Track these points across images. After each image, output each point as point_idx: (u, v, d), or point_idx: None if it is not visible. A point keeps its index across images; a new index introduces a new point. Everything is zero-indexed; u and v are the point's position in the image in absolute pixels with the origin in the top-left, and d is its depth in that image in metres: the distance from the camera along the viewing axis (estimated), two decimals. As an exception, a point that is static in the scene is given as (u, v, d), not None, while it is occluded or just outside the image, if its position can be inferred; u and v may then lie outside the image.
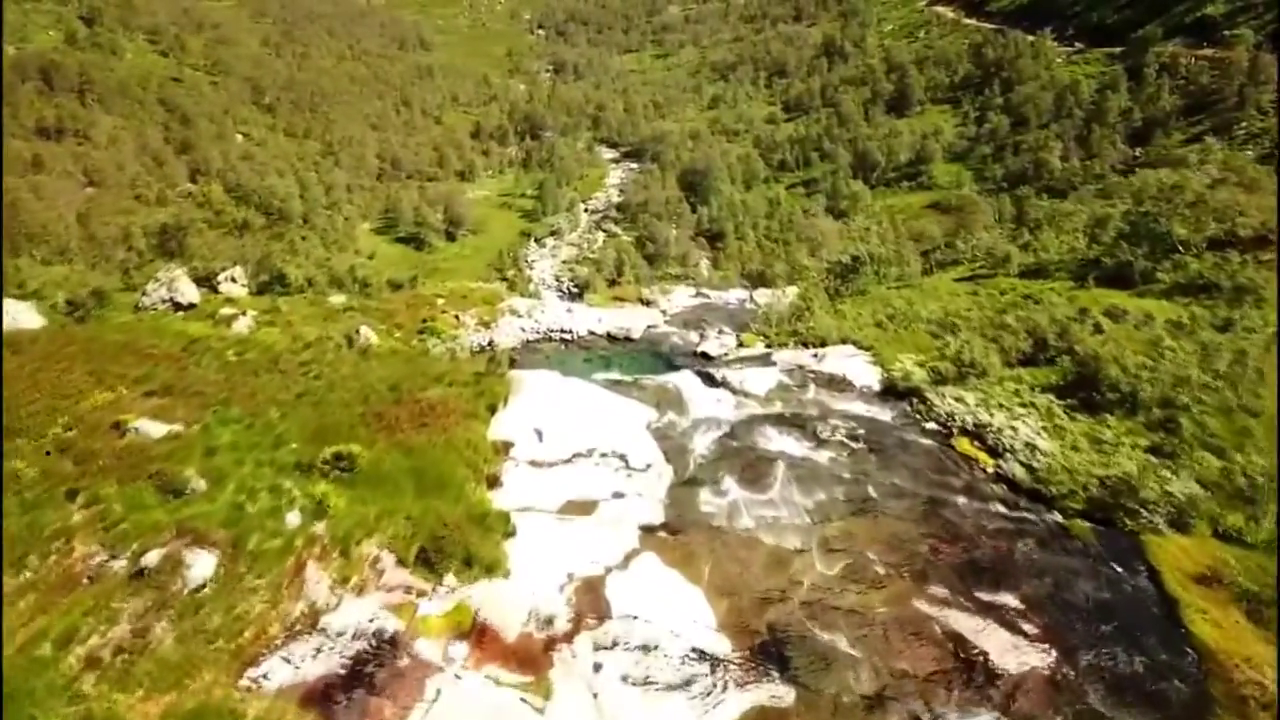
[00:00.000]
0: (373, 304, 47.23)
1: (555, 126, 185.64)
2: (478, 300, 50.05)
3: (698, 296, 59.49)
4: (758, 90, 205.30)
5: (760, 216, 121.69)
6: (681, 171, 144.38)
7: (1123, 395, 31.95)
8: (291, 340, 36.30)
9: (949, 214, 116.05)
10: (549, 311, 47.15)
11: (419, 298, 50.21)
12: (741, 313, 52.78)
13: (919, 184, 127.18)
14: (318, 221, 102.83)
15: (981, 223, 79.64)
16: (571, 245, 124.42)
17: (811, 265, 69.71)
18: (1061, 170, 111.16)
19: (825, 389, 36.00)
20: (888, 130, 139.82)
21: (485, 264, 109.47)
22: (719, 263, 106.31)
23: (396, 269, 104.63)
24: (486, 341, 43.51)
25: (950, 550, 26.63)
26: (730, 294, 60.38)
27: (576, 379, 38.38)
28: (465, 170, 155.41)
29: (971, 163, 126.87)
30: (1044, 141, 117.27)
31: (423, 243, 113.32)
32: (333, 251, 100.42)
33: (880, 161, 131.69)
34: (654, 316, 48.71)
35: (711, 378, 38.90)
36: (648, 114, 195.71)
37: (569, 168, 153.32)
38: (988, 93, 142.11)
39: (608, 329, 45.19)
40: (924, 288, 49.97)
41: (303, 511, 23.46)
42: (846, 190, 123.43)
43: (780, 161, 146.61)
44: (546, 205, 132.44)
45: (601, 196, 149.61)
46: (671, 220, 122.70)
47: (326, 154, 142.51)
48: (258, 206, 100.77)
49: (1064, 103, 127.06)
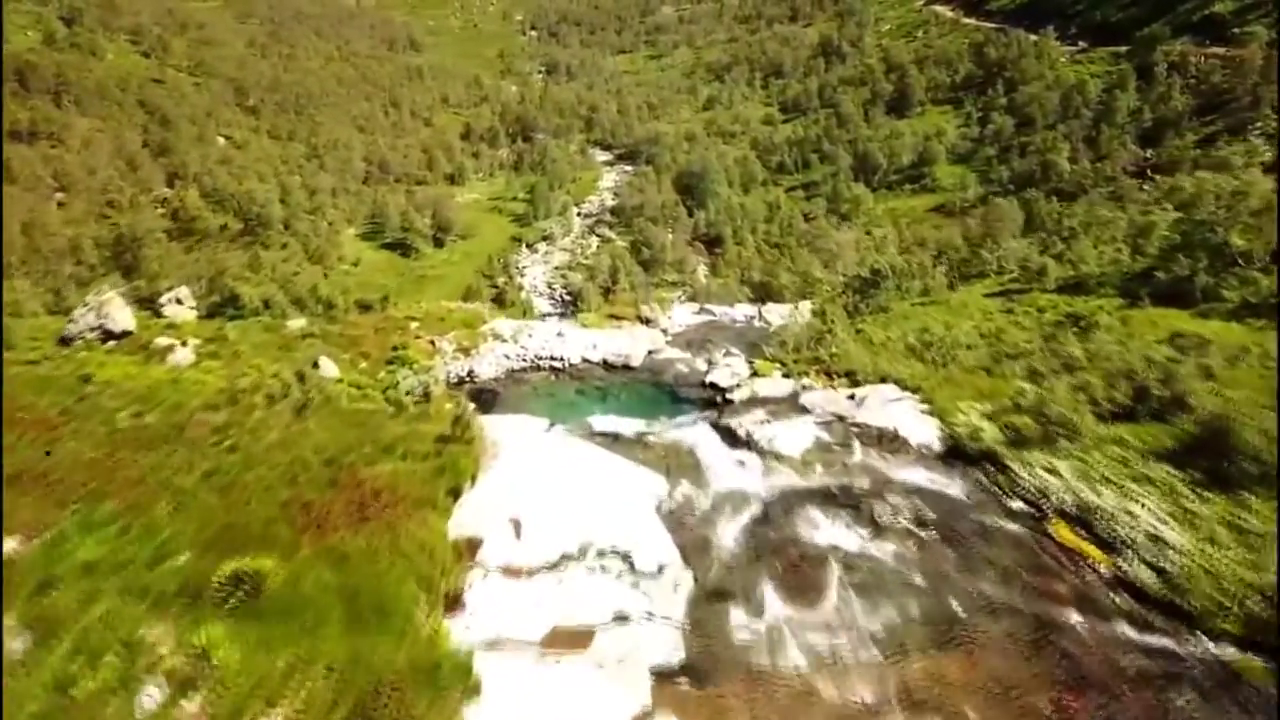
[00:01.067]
0: (336, 329, 41.09)
1: (547, 128, 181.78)
2: (457, 322, 44.28)
3: (702, 313, 54.73)
4: (754, 91, 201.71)
5: (759, 220, 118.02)
6: (677, 174, 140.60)
7: (1263, 467, 22.97)
8: (229, 381, 30.15)
9: (953, 217, 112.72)
10: (537, 335, 41.49)
11: (390, 320, 43.92)
12: (750, 331, 47.87)
13: (922, 186, 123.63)
14: (300, 227, 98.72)
15: (1008, 230, 74.16)
16: (564, 251, 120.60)
17: (825, 278, 65.09)
18: (1071, 173, 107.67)
19: (874, 448, 27.83)
20: (889, 131, 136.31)
21: (474, 270, 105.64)
22: (718, 269, 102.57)
23: (383, 276, 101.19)
24: (465, 371, 38.17)
25: (1080, 705, 18.50)
26: (737, 310, 55.60)
27: (566, 432, 32.39)
28: (455, 173, 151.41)
29: (976, 165, 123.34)
30: (1051, 143, 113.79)
31: (410, 249, 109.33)
32: (315, 258, 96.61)
33: (882, 163, 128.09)
34: (654, 338, 43.05)
35: (733, 433, 30.26)
36: (642, 115, 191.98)
37: (561, 171, 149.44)
38: (991, 93, 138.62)
39: (604, 355, 39.55)
40: (951, 304, 45.92)
41: (170, 679, 14.58)
42: (848, 193, 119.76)
43: (779, 164, 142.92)
44: (538, 209, 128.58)
45: (595, 200, 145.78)
46: (667, 224, 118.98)
47: (311, 157, 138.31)
48: (236, 212, 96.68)
49: (1070, 103, 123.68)
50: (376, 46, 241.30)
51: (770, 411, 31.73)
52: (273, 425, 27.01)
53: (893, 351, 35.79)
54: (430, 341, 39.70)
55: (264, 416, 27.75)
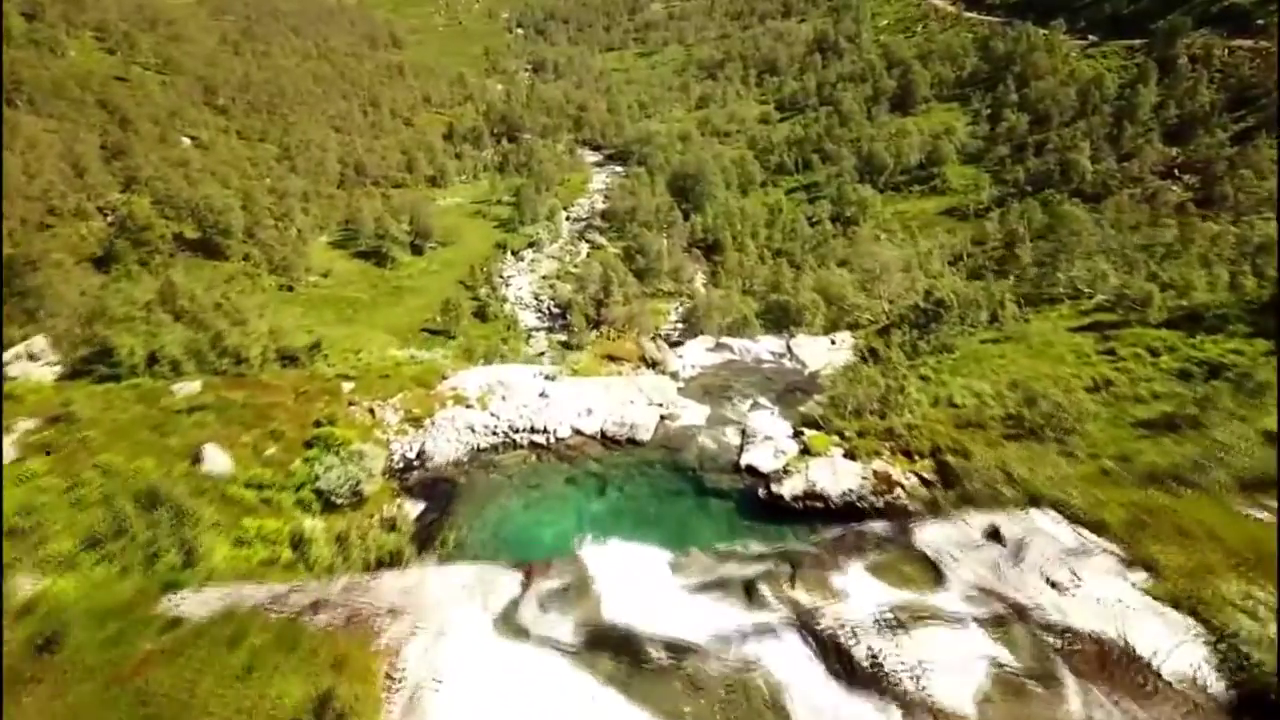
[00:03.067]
0: (241, 396, 30.41)
1: (534, 128, 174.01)
2: (406, 380, 33.57)
3: (719, 350, 46.13)
4: (748, 89, 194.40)
5: (760, 225, 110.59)
6: (671, 176, 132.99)
7: None
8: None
9: (967, 221, 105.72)
10: (514, 394, 31.49)
11: (317, 380, 33.54)
12: (781, 374, 39.64)
13: (932, 188, 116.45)
14: (264, 236, 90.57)
15: (1084, 245, 62.90)
16: (552, 258, 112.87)
17: (870, 305, 56.45)
18: (1094, 173, 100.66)
19: (1100, 683, 15.46)
20: (895, 129, 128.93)
21: (454, 281, 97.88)
22: (719, 278, 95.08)
23: (354, 288, 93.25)
24: (415, 452, 28.79)
25: None
26: (761, 344, 46.98)
27: (537, 641, 19.08)
28: (436, 176, 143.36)
29: (988, 165, 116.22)
30: (1071, 141, 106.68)
31: (385, 257, 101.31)
32: (279, 269, 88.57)
33: (888, 164, 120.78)
34: (664, 389, 33.77)
35: (845, 655, 17.25)
36: (632, 114, 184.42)
37: (549, 172, 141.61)
38: (1001, 89, 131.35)
39: (602, 425, 29.81)
40: (1031, 340, 38.13)
41: None
42: (853, 195, 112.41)
43: (778, 164, 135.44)
44: (524, 213, 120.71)
45: (585, 203, 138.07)
46: (662, 229, 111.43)
47: (283, 158, 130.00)
48: (195, 220, 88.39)
49: (1088, 99, 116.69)
50: (356, 44, 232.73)
51: (872, 565, 20.30)
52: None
53: (986, 418, 27.18)
54: (369, 410, 30.58)
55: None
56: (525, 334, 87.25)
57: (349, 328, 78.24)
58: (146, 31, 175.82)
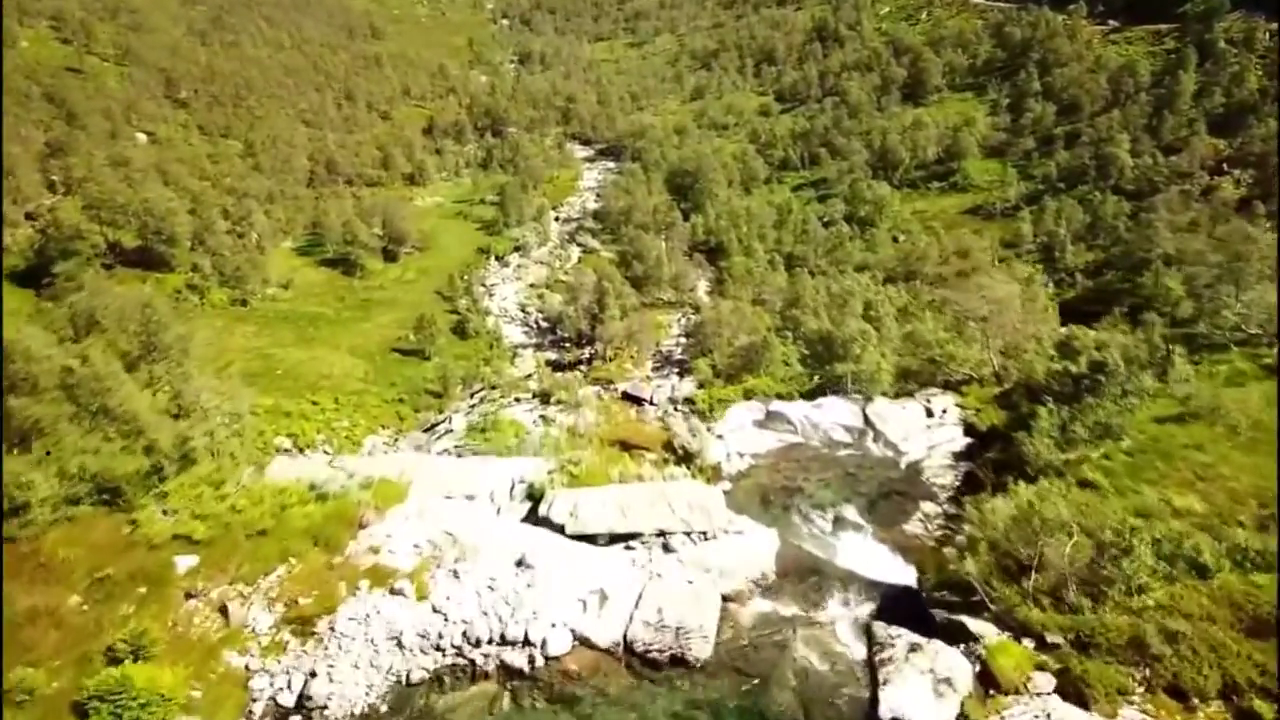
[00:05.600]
0: None
1: (520, 122, 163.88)
2: (294, 538, 21.55)
3: (771, 422, 34.77)
4: (745, 79, 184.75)
5: (767, 226, 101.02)
6: (668, 172, 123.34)
7: None
8: None
9: (993, 220, 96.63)
10: (476, 561, 19.47)
11: (137, 549, 20.13)
12: (868, 463, 29.64)
13: (952, 184, 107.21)
14: (215, 243, 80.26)
15: (1252, 268, 48.91)
16: (540, 264, 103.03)
17: (971, 357, 45.50)
18: (1134, 167, 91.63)
19: None
20: (910, 121, 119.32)
21: (431, 291, 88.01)
22: (725, 287, 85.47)
23: (318, 301, 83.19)
24: (296, 693, 17.78)
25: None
26: (827, 411, 36.09)
27: None
28: (415, 173, 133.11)
29: (1013, 158, 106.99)
30: (1107, 133, 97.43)
31: (354, 265, 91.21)
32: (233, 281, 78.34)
33: (904, 158, 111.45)
34: (707, 503, 23.09)
35: None
36: (624, 106, 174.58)
37: (536, 169, 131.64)
38: (1022, 76, 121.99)
39: (626, 626, 18.01)
40: (1229, 417, 28.37)
41: None
42: (868, 193, 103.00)
43: (782, 159, 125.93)
44: (510, 214, 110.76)
45: (575, 202, 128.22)
46: (660, 232, 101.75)
47: (247, 155, 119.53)
48: (139, 227, 78.04)
49: (1121, 87, 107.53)
50: (333, 34, 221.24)
51: None
52: None
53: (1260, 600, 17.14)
54: (220, 608, 19.02)
55: None
56: (510, 352, 77.53)
57: (308, 350, 68.37)
58: (107, 20, 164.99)
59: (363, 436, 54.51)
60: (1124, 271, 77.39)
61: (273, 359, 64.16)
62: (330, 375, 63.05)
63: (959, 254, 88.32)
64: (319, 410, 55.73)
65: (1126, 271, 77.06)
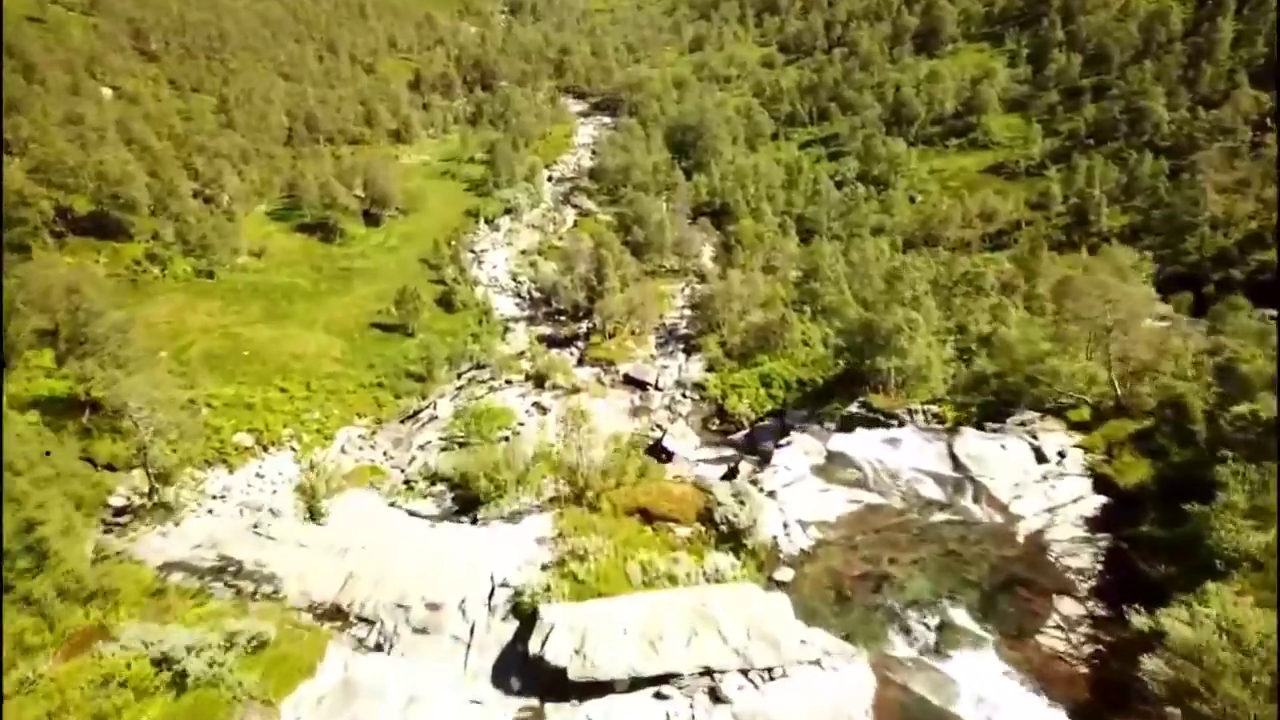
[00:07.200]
0: None
1: (511, 75, 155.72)
2: None
3: (835, 466, 26.64)
4: (746, 30, 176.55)
5: (776, 186, 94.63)
6: (668, 128, 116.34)
7: None
8: None
9: (1016, 180, 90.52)
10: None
11: None
12: (968, 535, 22.98)
13: (971, 141, 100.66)
14: (179, 208, 73.51)
15: None
16: (533, 227, 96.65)
17: (1088, 373, 36.86)
18: (1171, 122, 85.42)
19: None
20: (925, 73, 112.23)
21: (416, 258, 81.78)
22: (733, 254, 79.41)
23: (292, 271, 76.93)
24: None
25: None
26: (905, 453, 28.02)
27: None
28: (400, 129, 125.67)
29: (1037, 113, 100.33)
30: (1140, 85, 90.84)
31: (333, 230, 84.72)
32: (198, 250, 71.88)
33: (919, 113, 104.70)
34: (767, 614, 17.04)
35: None
36: (620, 58, 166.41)
37: (528, 125, 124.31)
38: (1044, 25, 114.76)
39: None
40: None
41: None
42: (882, 150, 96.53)
43: (789, 114, 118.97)
44: (500, 173, 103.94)
45: (569, 160, 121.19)
46: (661, 193, 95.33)
47: (220, 111, 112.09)
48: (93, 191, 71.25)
49: (1153, 36, 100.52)
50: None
51: None
52: None
53: None
54: None
55: None
56: (501, 326, 71.76)
57: (279, 327, 62.36)
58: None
59: (336, 429, 48.75)
60: (1165, 236, 71.85)
61: (239, 339, 58.09)
62: (302, 356, 57.11)
63: (983, 217, 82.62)
64: (287, 399, 49.89)
65: (1168, 236, 71.49)
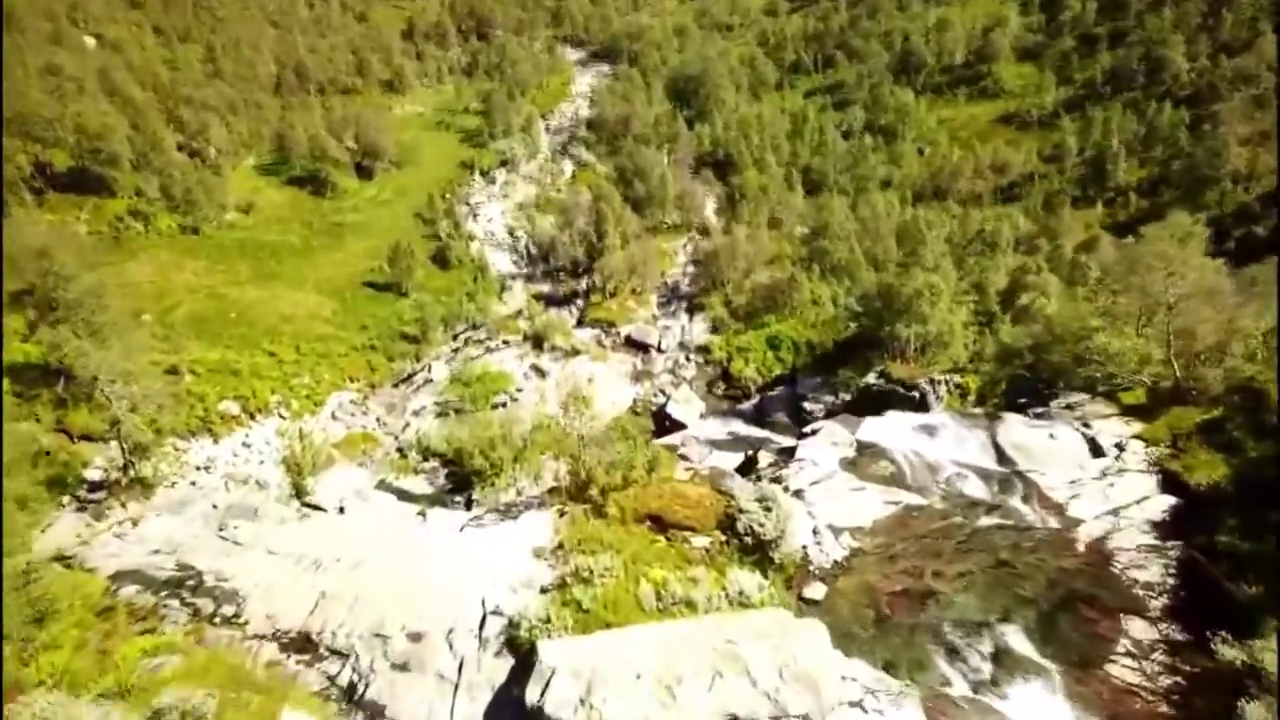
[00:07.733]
0: None
1: (507, 23, 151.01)
2: None
3: (866, 459, 23.37)
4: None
5: (781, 136, 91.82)
6: (670, 78, 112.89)
7: None
8: None
9: (1028, 130, 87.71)
10: None
11: None
12: (1020, 541, 18.94)
13: (981, 90, 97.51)
14: (161, 162, 70.92)
15: None
16: (529, 180, 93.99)
17: (1142, 353, 32.03)
18: (1191, 70, 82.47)
19: None
20: (934, 21, 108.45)
21: (409, 212, 79.47)
22: (737, 208, 77.11)
23: (282, 227, 74.60)
24: None
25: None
26: (939, 437, 24.94)
27: None
28: (393, 79, 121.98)
29: (1050, 61, 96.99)
30: (1158, 33, 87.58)
31: (324, 184, 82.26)
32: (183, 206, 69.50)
33: (928, 61, 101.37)
34: (810, 660, 13.78)
35: None
36: (620, 5, 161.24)
37: (524, 74, 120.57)
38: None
39: None
40: None
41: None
42: (890, 99, 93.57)
43: (793, 63, 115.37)
44: (496, 124, 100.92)
45: (567, 110, 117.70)
46: (663, 145, 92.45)
47: (207, 60, 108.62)
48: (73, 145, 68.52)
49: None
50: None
51: None
52: None
53: None
54: None
55: None
56: (498, 283, 69.78)
57: (267, 287, 60.36)
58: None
59: (326, 394, 47.12)
60: (1184, 189, 69.54)
61: (226, 299, 56.09)
62: (292, 317, 55.19)
63: (994, 168, 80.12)
64: (276, 364, 48.12)
65: (1188, 189, 69.17)
